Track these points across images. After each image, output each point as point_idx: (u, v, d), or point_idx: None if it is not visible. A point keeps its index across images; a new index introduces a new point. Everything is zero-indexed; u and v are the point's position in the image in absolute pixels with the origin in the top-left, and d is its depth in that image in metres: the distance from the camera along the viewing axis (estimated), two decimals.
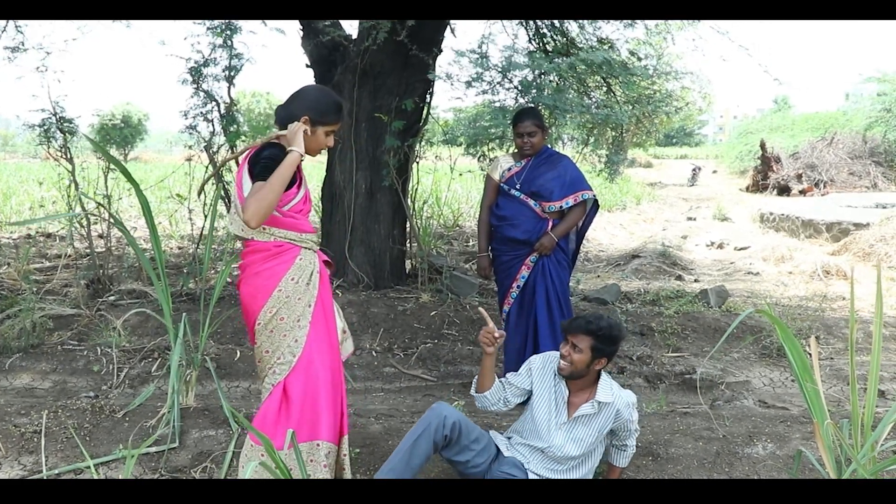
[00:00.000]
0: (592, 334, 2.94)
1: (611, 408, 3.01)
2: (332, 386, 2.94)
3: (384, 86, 6.20)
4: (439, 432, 2.88)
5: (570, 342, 2.98)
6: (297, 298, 2.88)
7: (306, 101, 2.91)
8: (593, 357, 2.96)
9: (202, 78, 6.17)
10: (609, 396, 3.01)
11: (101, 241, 7.16)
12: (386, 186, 6.28)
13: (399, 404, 4.57)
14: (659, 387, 5.12)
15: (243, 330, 5.49)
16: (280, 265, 2.87)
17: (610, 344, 2.97)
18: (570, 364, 2.97)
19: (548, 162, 4.48)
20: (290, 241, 2.90)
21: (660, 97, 7.57)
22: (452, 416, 2.93)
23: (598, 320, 2.98)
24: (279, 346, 2.88)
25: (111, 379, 4.76)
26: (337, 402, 2.97)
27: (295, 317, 2.87)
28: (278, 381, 2.86)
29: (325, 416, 2.89)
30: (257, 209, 2.64)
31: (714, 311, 6.59)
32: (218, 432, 3.59)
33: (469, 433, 2.98)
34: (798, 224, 12.83)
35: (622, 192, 20.17)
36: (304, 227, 2.96)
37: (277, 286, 2.86)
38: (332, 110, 2.92)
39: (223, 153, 6.42)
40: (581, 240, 4.71)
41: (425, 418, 2.93)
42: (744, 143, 31.64)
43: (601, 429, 3.02)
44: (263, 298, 2.86)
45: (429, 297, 6.23)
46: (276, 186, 2.68)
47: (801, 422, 3.90)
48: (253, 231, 2.84)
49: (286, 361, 2.87)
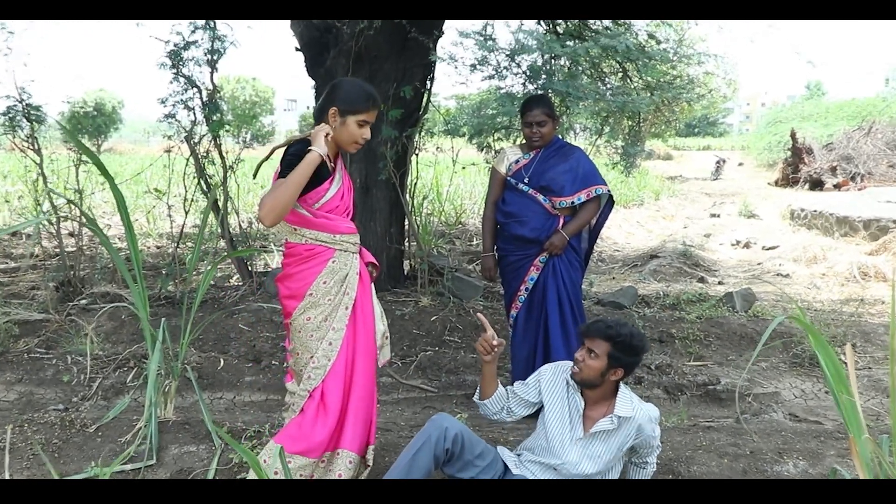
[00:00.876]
0: (611, 340, 2.93)
1: (631, 423, 2.99)
2: (367, 393, 3.09)
3: (380, 71, 6.20)
4: (440, 445, 2.88)
5: (586, 346, 2.98)
6: (327, 300, 3.01)
7: (335, 92, 3.02)
8: (609, 365, 2.95)
9: (182, 62, 6.18)
10: (629, 410, 2.99)
11: (71, 239, 7.18)
12: (382, 181, 6.28)
13: (397, 417, 4.57)
14: (680, 399, 5.12)
15: (227, 337, 5.51)
16: (311, 269, 3.01)
17: (628, 354, 2.96)
18: (582, 370, 2.97)
19: (559, 154, 4.47)
20: (322, 244, 3.01)
21: (681, 83, 7.58)
22: (454, 427, 2.93)
23: (619, 326, 2.97)
24: (308, 348, 3.02)
25: (82, 390, 4.77)
26: (369, 411, 3.12)
27: (322, 317, 3.01)
28: (314, 387, 3.00)
29: (353, 425, 3.03)
30: (272, 207, 2.76)
31: (740, 317, 6.59)
32: (199, 448, 3.59)
33: (473, 447, 2.98)
34: (832, 221, 12.82)
35: (639, 187, 20.20)
36: (339, 228, 3.04)
37: (309, 290, 3.00)
38: (361, 98, 3.00)
39: (205, 144, 6.44)
40: (595, 238, 4.71)
41: (425, 430, 2.93)
42: (773, 132, 31.67)
43: (620, 445, 3.01)
44: (297, 301, 3.01)
45: (429, 300, 6.23)
46: (291, 185, 2.80)
47: (836, 437, 3.89)
48: (286, 232, 3.01)
49: (321, 366, 3.01)
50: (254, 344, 5.43)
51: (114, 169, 18.59)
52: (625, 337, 2.94)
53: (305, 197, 2.95)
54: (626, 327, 2.99)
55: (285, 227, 3.01)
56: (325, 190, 2.98)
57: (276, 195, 2.77)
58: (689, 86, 7.97)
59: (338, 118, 2.98)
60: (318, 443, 2.94)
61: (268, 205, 2.76)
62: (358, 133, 3.03)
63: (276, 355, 5.28)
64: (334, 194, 3.02)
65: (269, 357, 5.29)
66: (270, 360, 5.25)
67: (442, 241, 9.81)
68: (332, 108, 2.98)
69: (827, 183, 21.66)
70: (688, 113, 23.16)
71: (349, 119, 2.99)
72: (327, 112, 2.98)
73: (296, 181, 2.81)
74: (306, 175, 2.83)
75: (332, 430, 2.98)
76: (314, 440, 2.94)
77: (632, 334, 2.97)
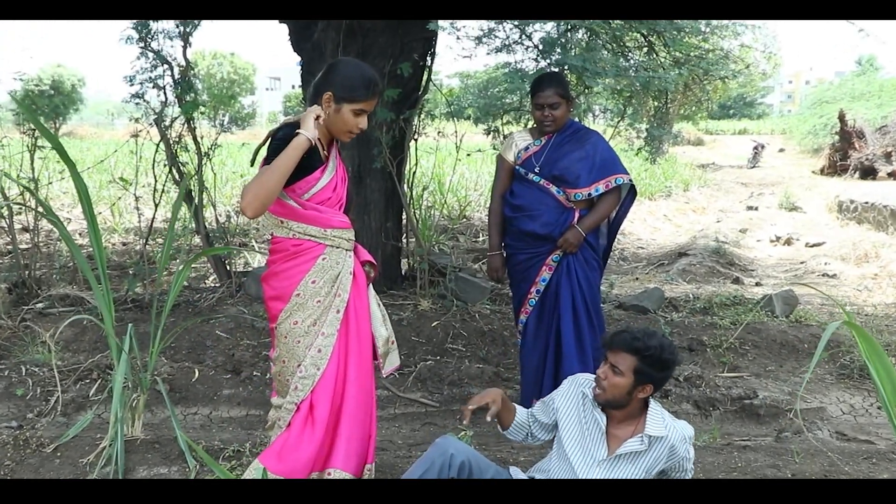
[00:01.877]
0: (638, 353, 2.87)
1: (664, 443, 2.95)
2: (363, 406, 3.12)
3: (375, 45, 6.20)
4: (444, 475, 2.85)
5: (609, 362, 2.92)
6: (315, 301, 3.03)
7: (332, 75, 3.04)
8: (636, 383, 2.89)
9: (151, 35, 6.18)
10: (661, 429, 2.94)
11: (26, 234, 7.18)
12: (377, 169, 6.28)
13: (393, 435, 4.58)
14: (712, 414, 5.13)
15: (202, 344, 5.51)
16: (299, 267, 3.03)
17: (659, 369, 2.90)
18: (606, 390, 2.91)
19: (573, 139, 4.47)
20: (311, 239, 3.03)
21: (713, 58, 7.55)
22: (461, 454, 2.90)
23: (647, 338, 2.90)
24: (295, 355, 3.04)
25: (39, 405, 4.78)
26: (366, 426, 3.15)
27: (311, 321, 3.03)
28: (302, 399, 3.02)
29: (346, 441, 3.06)
30: (255, 195, 2.80)
31: (780, 322, 6.60)
32: (171, 469, 3.60)
33: (482, 473, 2.94)
34: (886, 214, 12.82)
35: (666, 176, 20.18)
36: (330, 222, 3.06)
37: (296, 290, 3.02)
38: (360, 85, 3.01)
39: (177, 128, 6.44)
40: (614, 234, 4.72)
41: (427, 457, 2.91)
42: (818, 114, 31.62)
43: (650, 468, 2.97)
44: (283, 302, 3.03)
45: (430, 303, 6.24)
46: (276, 172, 2.83)
47: (890, 458, 3.90)
48: (272, 225, 3.04)
49: (309, 375, 3.03)
50: (233, 353, 5.44)
51: (74, 155, 18.49)
52: (654, 350, 2.87)
53: (294, 186, 2.96)
54: (655, 338, 2.92)
55: (271, 219, 3.04)
56: (315, 179, 3.00)
57: (259, 182, 2.80)
58: (723, 61, 7.94)
59: (332, 104, 2.99)
60: (304, 461, 2.96)
61: (251, 192, 2.79)
62: (353, 122, 3.03)
63: (258, 366, 5.29)
64: (326, 184, 3.03)
65: (249, 368, 5.30)
66: (251, 370, 5.26)
67: (444, 237, 9.83)
68: (327, 92, 2.99)
69: (880, 171, 21.65)
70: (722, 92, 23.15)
71: (345, 107, 3.00)
72: (322, 96, 3.00)
73: (281, 168, 2.83)
74: (293, 160, 2.85)
75: (320, 446, 2.99)
76: (301, 459, 2.95)
77: (661, 346, 2.90)
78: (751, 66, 10.92)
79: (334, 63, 3.11)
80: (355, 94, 2.99)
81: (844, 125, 23.56)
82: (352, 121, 3.03)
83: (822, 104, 34.35)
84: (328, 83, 3.00)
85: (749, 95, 58.04)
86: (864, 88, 33.64)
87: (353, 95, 2.99)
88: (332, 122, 3.02)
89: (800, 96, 74.95)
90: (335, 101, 2.99)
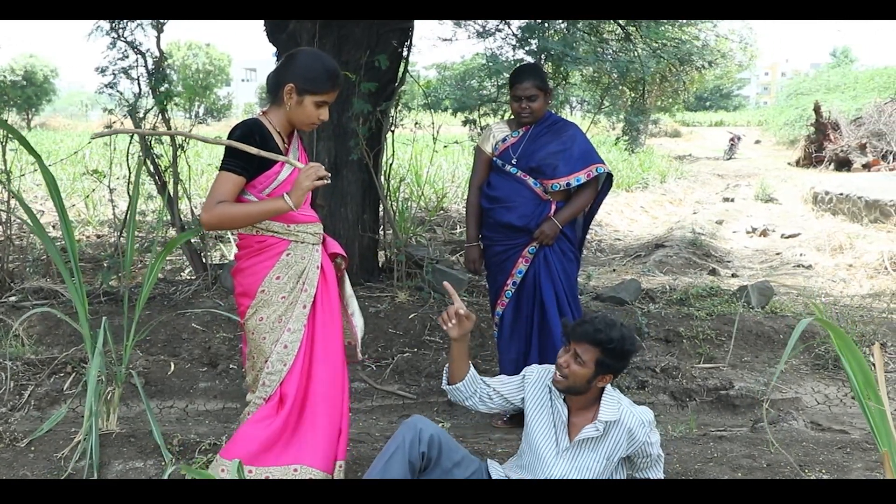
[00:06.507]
0: (601, 346, 2.92)
1: (619, 427, 2.99)
2: (330, 402, 3.09)
3: (351, 36, 6.18)
4: (415, 449, 2.88)
5: (572, 349, 2.97)
6: (280, 297, 3.02)
7: (293, 66, 3.02)
8: (597, 373, 2.95)
9: (122, 26, 6.12)
10: (614, 413, 2.99)
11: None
12: (354, 161, 6.27)
13: (370, 427, 4.59)
14: (688, 405, 5.16)
15: (178, 337, 5.49)
16: (262, 263, 3.03)
17: (619, 359, 2.98)
18: (567, 377, 2.97)
19: (551, 131, 4.48)
20: (274, 235, 3.02)
21: (690, 48, 7.58)
22: (430, 429, 2.95)
23: (609, 329, 2.95)
24: (262, 351, 3.04)
25: (12, 399, 4.74)
26: (335, 421, 3.11)
27: (276, 317, 3.03)
28: (270, 395, 3.03)
29: (313, 436, 3.03)
30: (219, 220, 2.94)
31: (756, 313, 6.63)
32: (147, 464, 3.59)
33: (452, 452, 2.99)
34: (861, 206, 12.92)
35: (643, 168, 20.24)
36: (293, 217, 3.03)
37: (260, 286, 3.02)
38: (322, 77, 3.00)
39: (151, 119, 6.39)
40: (588, 224, 4.73)
41: (398, 434, 2.95)
42: (794, 106, 31.85)
43: (609, 454, 3.02)
44: (250, 298, 3.05)
45: (407, 295, 6.24)
46: (247, 217, 2.95)
47: (864, 448, 3.93)
48: None
49: (276, 371, 3.03)
50: (209, 346, 5.42)
51: (47, 147, 18.45)
52: (616, 342, 2.92)
53: (254, 182, 2.95)
54: (617, 329, 2.97)
55: None
56: (275, 174, 2.98)
57: (229, 214, 2.90)
58: (700, 52, 7.99)
59: (294, 96, 2.98)
60: (258, 446, 2.93)
61: (216, 216, 2.87)
62: (315, 114, 3.03)
63: (234, 358, 5.27)
64: (286, 178, 2.99)
65: (226, 360, 5.28)
66: (228, 363, 5.25)
67: (421, 228, 9.81)
68: (288, 84, 2.97)
69: (855, 163, 21.83)
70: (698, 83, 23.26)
71: (307, 99, 2.99)
72: (283, 87, 2.97)
73: (252, 216, 2.93)
74: (265, 217, 2.94)
75: (278, 433, 2.97)
76: (254, 443, 2.93)
77: (623, 337, 2.95)
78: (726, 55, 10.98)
79: (293, 53, 3.09)
80: (318, 86, 2.98)
81: (820, 117, 23.72)
82: (314, 113, 3.02)
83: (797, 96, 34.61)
84: (290, 74, 2.99)
85: (725, 87, 58.34)
86: (839, 80, 33.92)
87: (315, 88, 2.98)
88: (293, 114, 3.01)
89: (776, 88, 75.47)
90: (297, 93, 2.97)
